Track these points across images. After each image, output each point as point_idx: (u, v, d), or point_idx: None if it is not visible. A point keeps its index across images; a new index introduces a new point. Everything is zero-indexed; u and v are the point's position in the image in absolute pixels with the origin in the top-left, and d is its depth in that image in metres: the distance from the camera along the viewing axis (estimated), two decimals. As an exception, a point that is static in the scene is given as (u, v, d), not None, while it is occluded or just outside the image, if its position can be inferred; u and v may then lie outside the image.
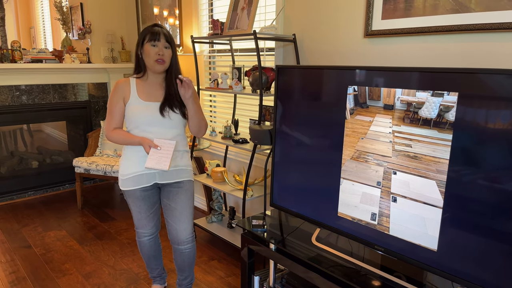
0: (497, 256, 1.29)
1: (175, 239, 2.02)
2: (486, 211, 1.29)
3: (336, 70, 1.68)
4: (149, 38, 1.81)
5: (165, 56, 1.83)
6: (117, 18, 4.22)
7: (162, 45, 1.82)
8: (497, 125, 1.24)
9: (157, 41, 1.81)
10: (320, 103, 1.76)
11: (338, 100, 1.68)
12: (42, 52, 3.85)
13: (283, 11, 2.51)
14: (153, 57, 1.82)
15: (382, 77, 1.52)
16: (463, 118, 1.31)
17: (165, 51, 1.83)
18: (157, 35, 1.81)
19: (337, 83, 1.68)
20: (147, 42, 1.82)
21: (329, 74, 1.71)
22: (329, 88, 1.72)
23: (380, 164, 1.56)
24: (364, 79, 1.58)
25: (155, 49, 1.81)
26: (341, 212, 1.74)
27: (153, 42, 1.81)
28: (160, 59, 1.82)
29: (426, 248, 1.46)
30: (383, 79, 1.52)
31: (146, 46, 1.83)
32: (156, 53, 1.81)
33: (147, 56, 1.84)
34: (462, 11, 1.72)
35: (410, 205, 1.48)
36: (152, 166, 1.77)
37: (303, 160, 1.87)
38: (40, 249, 2.86)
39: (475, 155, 1.30)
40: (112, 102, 1.91)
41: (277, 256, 1.81)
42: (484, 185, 1.29)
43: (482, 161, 1.28)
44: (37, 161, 4.14)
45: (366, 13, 2.06)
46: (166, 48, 1.84)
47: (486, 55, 1.67)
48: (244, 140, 2.61)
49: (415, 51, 1.90)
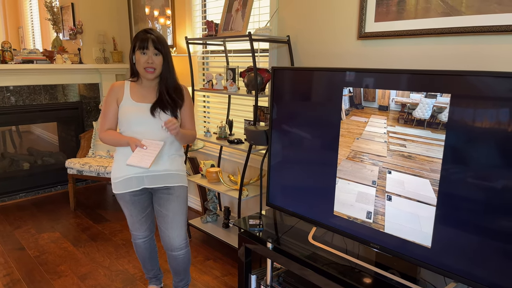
0: (488, 252, 1.34)
1: (168, 245, 2.02)
2: (478, 208, 1.34)
3: (331, 71, 1.71)
4: (138, 45, 1.82)
5: (155, 64, 1.84)
6: (108, 18, 4.20)
7: (151, 53, 1.83)
8: (488, 125, 1.29)
9: (146, 49, 1.82)
10: (316, 104, 1.79)
11: (333, 101, 1.72)
12: (33, 53, 3.82)
13: (277, 12, 2.54)
14: (143, 65, 1.83)
15: (375, 79, 1.56)
16: (455, 119, 1.36)
17: (155, 58, 1.84)
18: (145, 43, 1.81)
19: (332, 85, 1.72)
20: (137, 49, 1.83)
21: (325, 75, 1.74)
22: (324, 89, 1.75)
23: (375, 163, 1.60)
24: (358, 80, 1.62)
25: (145, 57, 1.83)
26: (337, 211, 1.77)
27: (142, 50, 1.82)
28: (149, 67, 1.84)
29: (420, 245, 1.51)
30: (376, 81, 1.56)
31: (137, 53, 1.84)
32: (146, 61, 1.82)
33: (137, 63, 1.86)
34: (453, 14, 1.77)
35: (405, 204, 1.52)
36: (133, 164, 1.77)
37: (299, 160, 1.90)
38: (34, 251, 2.84)
39: (467, 155, 1.34)
40: (106, 103, 1.93)
41: (275, 255, 1.84)
42: (475, 183, 1.34)
43: (474, 160, 1.33)
44: (28, 163, 4.10)
45: (359, 15, 2.10)
46: (156, 55, 1.84)
47: (477, 57, 1.72)
48: (239, 140, 2.63)
49: (407, 53, 1.95)
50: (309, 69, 1.80)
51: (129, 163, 1.78)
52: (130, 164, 1.78)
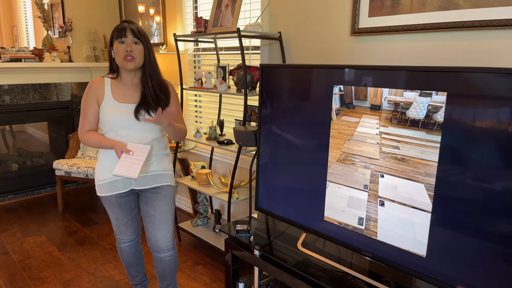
0: (486, 262, 1.24)
1: (154, 247, 1.93)
2: (477, 215, 1.24)
3: (321, 69, 1.61)
4: (116, 35, 1.73)
5: (134, 52, 1.73)
6: (99, 15, 4.10)
7: (130, 41, 1.72)
8: (487, 126, 1.19)
9: (124, 37, 1.72)
10: (306, 103, 1.69)
11: (323, 100, 1.62)
12: (21, 51, 3.72)
13: (268, 8, 2.44)
14: (122, 54, 1.72)
15: (369, 76, 1.46)
16: (452, 119, 1.26)
17: (135, 47, 1.73)
18: (123, 31, 1.71)
19: (322, 83, 1.62)
20: (115, 40, 1.73)
21: (314, 73, 1.64)
22: (314, 87, 1.65)
23: (367, 166, 1.50)
24: (350, 78, 1.52)
25: (123, 46, 1.72)
26: (327, 216, 1.68)
27: (120, 39, 1.72)
28: (129, 56, 1.72)
29: (414, 254, 1.41)
30: (369, 78, 1.46)
31: (115, 44, 1.74)
32: (124, 49, 1.72)
33: (116, 54, 1.75)
34: (451, 8, 1.67)
35: (398, 209, 1.43)
36: (120, 174, 1.68)
37: (289, 162, 1.80)
38: (18, 255, 2.75)
39: (465, 158, 1.24)
40: (85, 103, 1.82)
41: (261, 263, 1.74)
42: (474, 188, 1.24)
43: (472, 163, 1.23)
44: (17, 164, 4.00)
45: (352, 10, 2.00)
46: (136, 44, 1.73)
47: (475, 53, 1.62)
48: (229, 141, 2.53)
49: (402, 50, 1.85)
50: (298, 66, 1.70)
51: (116, 173, 1.69)
52: (117, 174, 1.69)
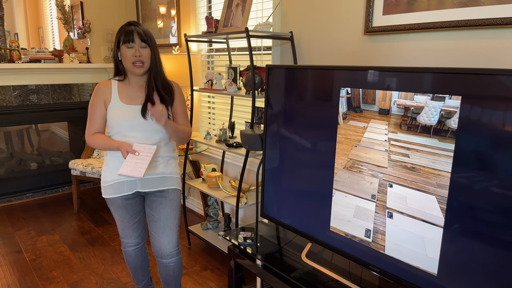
0: (505, 284, 1.11)
1: (158, 252, 1.89)
2: (494, 233, 1.12)
3: (327, 70, 1.52)
4: (123, 39, 1.69)
5: (143, 57, 1.71)
6: (116, 16, 4.13)
7: (138, 46, 1.69)
8: (507, 134, 1.07)
9: (132, 42, 1.69)
10: (312, 107, 1.60)
11: (330, 103, 1.53)
12: (41, 52, 3.78)
13: (280, 7, 2.36)
14: (130, 59, 1.70)
15: (380, 78, 1.36)
16: (467, 125, 1.14)
17: (142, 51, 1.70)
18: (130, 36, 1.68)
19: (329, 85, 1.52)
20: (122, 44, 1.70)
21: (321, 74, 1.55)
22: (320, 90, 1.56)
23: (375, 175, 1.40)
24: (359, 80, 1.42)
25: (131, 50, 1.69)
26: (333, 227, 1.58)
27: (128, 44, 1.69)
28: (138, 61, 1.70)
29: (425, 271, 1.30)
30: (381, 80, 1.36)
31: (122, 48, 1.71)
32: (133, 55, 1.69)
33: (124, 59, 1.72)
34: (471, 5, 1.54)
35: (408, 223, 1.32)
36: (126, 173, 1.65)
37: (294, 167, 1.72)
38: (30, 254, 2.77)
39: (481, 168, 1.13)
40: (92, 105, 1.81)
41: (263, 273, 1.67)
42: (491, 202, 1.12)
43: (489, 174, 1.11)
44: (36, 163, 4.08)
45: (366, 8, 1.89)
46: (143, 48, 1.71)
47: (497, 53, 1.49)
48: (239, 144, 2.46)
49: (418, 50, 1.73)
50: (303, 67, 1.62)
51: (121, 173, 1.67)
52: (122, 174, 1.67)
